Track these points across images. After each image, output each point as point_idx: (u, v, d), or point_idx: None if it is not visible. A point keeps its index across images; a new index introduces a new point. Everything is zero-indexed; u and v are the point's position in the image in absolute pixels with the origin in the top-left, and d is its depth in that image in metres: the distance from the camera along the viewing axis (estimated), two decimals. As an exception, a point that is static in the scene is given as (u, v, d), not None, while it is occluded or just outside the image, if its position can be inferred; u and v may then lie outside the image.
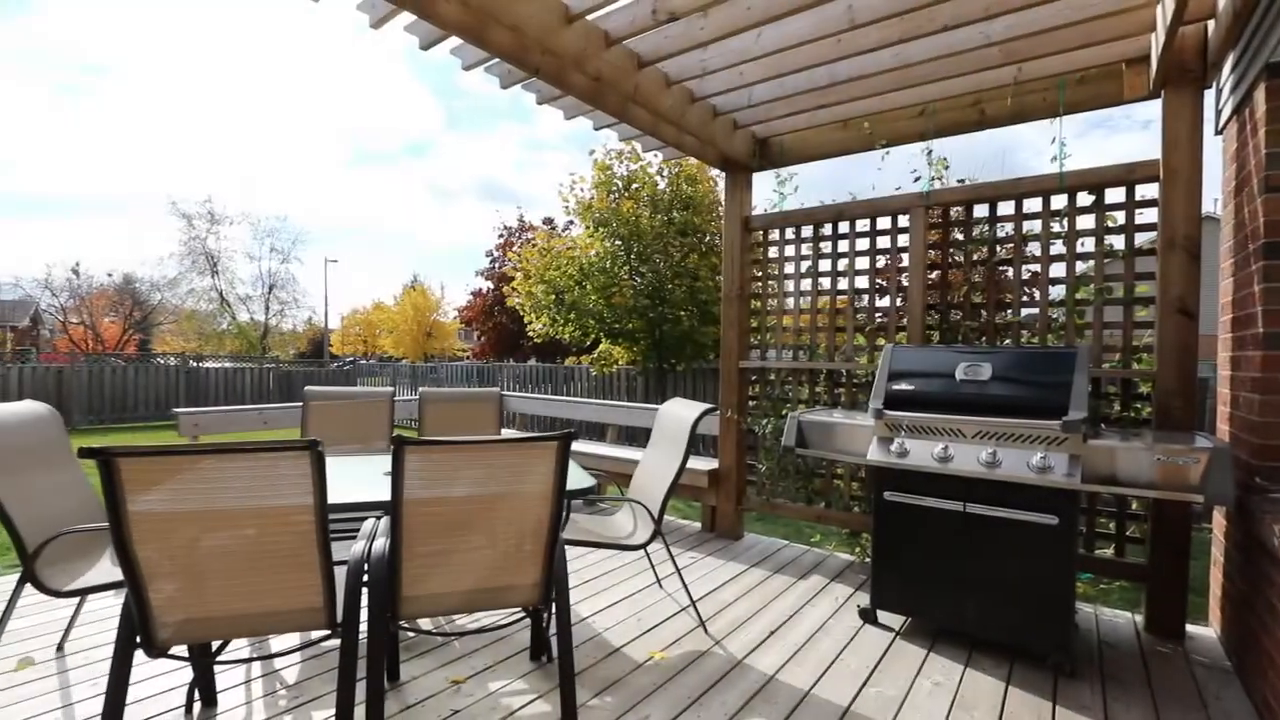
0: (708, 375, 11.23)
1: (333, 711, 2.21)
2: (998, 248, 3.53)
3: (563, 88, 3.20)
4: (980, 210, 3.56)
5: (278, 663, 2.57)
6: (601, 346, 11.58)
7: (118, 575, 2.24)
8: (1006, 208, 3.51)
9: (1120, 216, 3.15)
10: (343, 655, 1.80)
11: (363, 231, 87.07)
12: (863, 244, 3.97)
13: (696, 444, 3.21)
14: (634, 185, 11.01)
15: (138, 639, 1.70)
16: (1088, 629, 2.99)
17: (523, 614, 2.71)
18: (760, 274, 4.38)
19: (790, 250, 4.24)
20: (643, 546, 2.76)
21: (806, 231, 4.15)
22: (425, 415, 3.64)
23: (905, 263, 3.78)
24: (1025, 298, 3.48)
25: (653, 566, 3.53)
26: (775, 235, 4.31)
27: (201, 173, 71.53)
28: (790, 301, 4.26)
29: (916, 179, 4.74)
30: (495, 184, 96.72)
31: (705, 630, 2.94)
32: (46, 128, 68.29)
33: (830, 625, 3.02)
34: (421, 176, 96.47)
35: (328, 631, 1.86)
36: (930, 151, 3.69)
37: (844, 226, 4.02)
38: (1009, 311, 3.48)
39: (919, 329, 3.63)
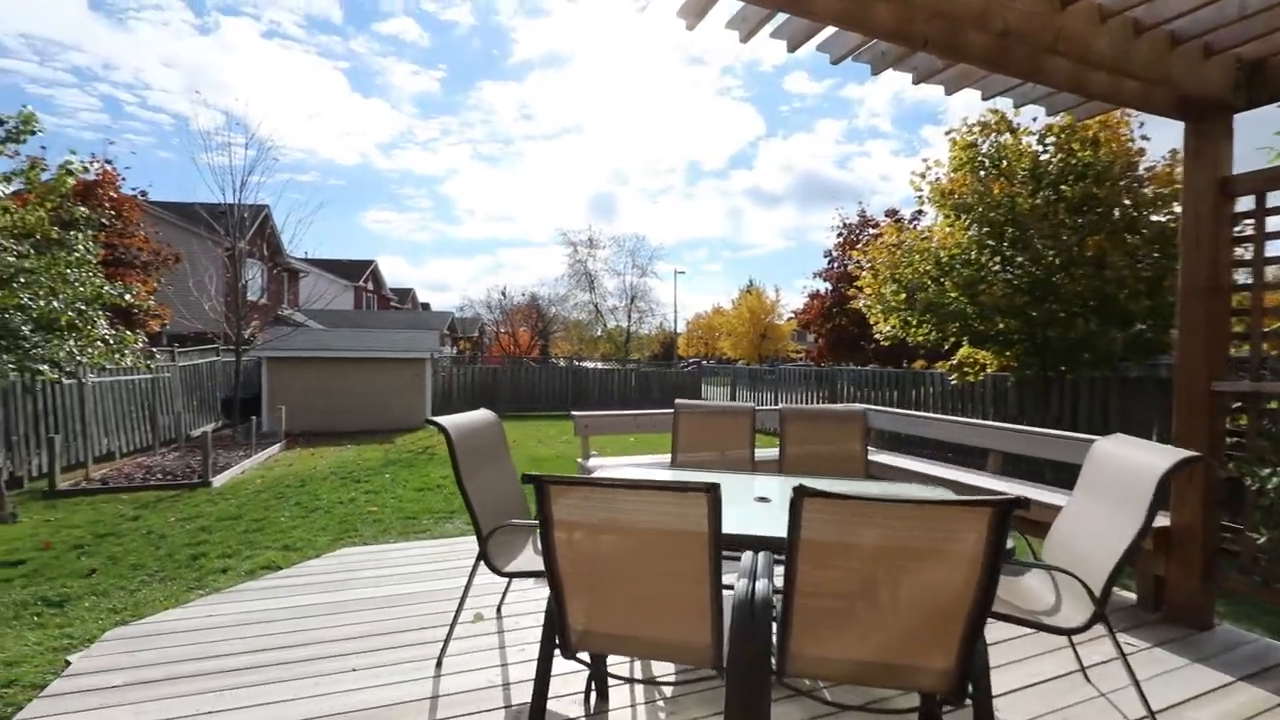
0: (1111, 388, 8.82)
1: (708, 740, 2.18)
2: None
3: (953, 55, 2.68)
4: None
5: (655, 672, 2.69)
6: (962, 351, 10.08)
7: (536, 565, 2.61)
8: None
9: None
10: (729, 704, 1.70)
11: (703, 242, 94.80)
12: None
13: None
14: (1004, 161, 9.30)
15: (556, 639, 1.88)
16: None
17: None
18: (1251, 256, 3.06)
19: (1313, 219, 2.86)
20: (1078, 631, 2.09)
21: (1348, 187, 2.74)
22: (787, 433, 3.49)
23: None
24: None
25: (1074, 648, 2.72)
26: (1277, 199, 2.97)
27: (582, 206, 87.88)
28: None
29: None
30: (816, 181, 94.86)
31: (1177, 765, 2.10)
32: (479, 187, 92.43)
33: None
34: (747, 185, 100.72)
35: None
36: None
37: None
38: None
39: None
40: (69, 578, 4.51)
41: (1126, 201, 8.29)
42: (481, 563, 2.55)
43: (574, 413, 4.69)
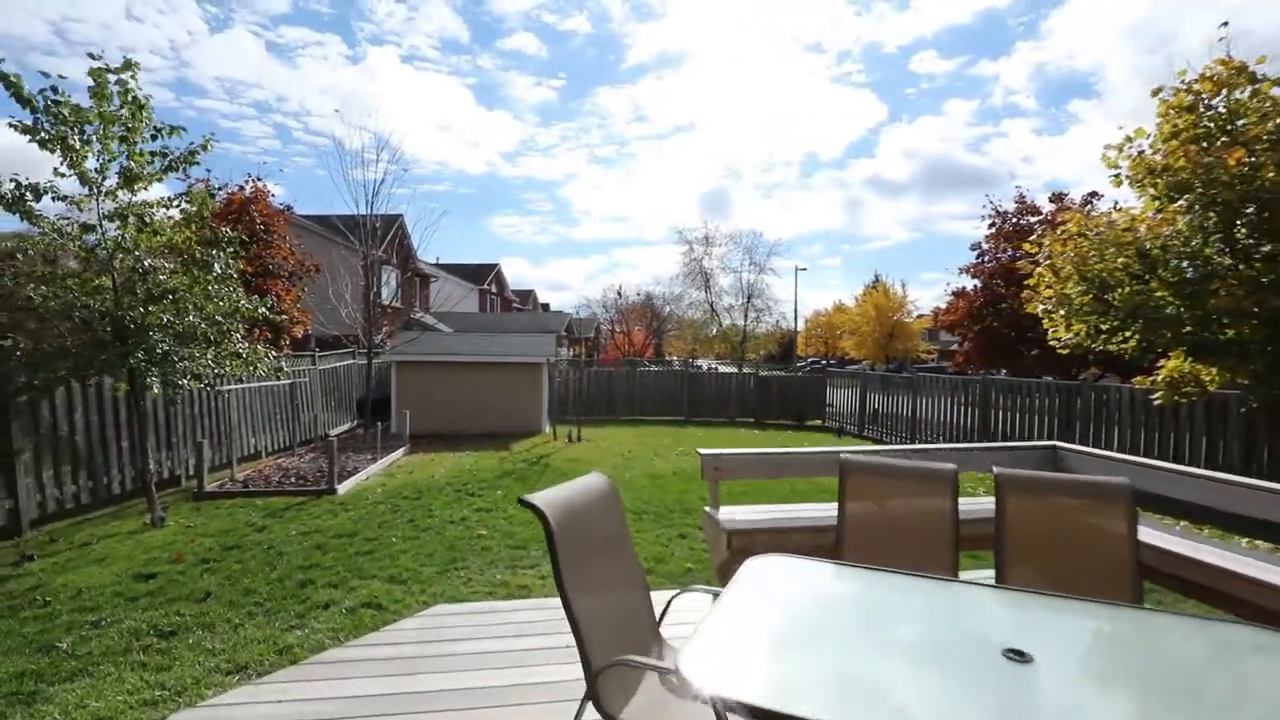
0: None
1: None
2: None
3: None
4: None
5: None
6: (1172, 363, 8.15)
7: (662, 716, 1.87)
8: None
9: None
10: None
11: (819, 236, 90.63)
12: None
13: None
14: (1240, 122, 7.34)
15: None
16: None
17: None
18: None
19: None
20: None
21: None
22: (1008, 512, 2.45)
23: None
24: None
25: None
26: None
27: (693, 203, 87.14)
28: None
29: None
30: (945, 167, 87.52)
31: None
32: (595, 189, 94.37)
33: None
34: (866, 174, 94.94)
35: None
36: None
37: None
38: None
39: None
40: (186, 600, 4.44)
41: None
42: (589, 704, 1.85)
43: (701, 450, 3.91)
